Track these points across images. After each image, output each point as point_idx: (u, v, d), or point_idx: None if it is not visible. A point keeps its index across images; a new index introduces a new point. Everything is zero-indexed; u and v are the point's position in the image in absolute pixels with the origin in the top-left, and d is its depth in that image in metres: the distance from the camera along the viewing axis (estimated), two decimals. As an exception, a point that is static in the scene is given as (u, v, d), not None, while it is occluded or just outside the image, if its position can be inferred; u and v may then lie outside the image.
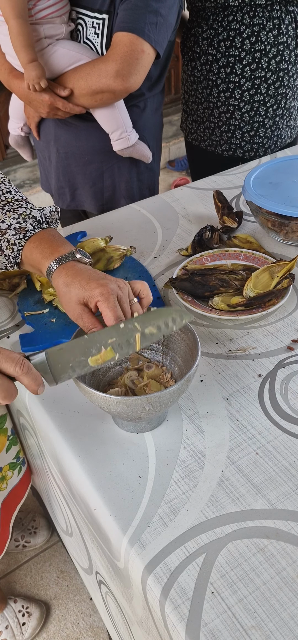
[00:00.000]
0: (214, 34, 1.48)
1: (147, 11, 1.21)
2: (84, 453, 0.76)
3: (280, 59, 1.48)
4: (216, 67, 1.51)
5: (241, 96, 1.52)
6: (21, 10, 1.19)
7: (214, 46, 1.49)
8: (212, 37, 1.49)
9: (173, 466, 0.73)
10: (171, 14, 1.27)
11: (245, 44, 1.45)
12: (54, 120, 1.43)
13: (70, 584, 1.52)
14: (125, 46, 1.22)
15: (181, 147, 3.91)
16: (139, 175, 1.50)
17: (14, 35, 1.20)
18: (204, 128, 1.64)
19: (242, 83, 1.50)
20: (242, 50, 1.46)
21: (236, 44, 1.46)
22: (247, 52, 1.46)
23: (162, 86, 1.47)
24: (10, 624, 1.38)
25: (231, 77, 1.51)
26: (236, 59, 1.48)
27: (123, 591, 0.72)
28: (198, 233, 1.16)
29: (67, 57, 1.27)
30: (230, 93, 1.53)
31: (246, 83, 1.50)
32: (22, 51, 1.21)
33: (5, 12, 1.19)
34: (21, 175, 3.53)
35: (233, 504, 0.67)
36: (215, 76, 1.53)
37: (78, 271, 0.77)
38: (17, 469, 1.12)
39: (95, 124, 1.37)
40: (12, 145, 1.63)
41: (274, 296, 0.97)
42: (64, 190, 1.54)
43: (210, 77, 1.54)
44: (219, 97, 1.55)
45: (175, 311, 0.71)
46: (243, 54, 1.47)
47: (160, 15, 1.23)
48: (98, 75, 1.24)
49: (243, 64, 1.48)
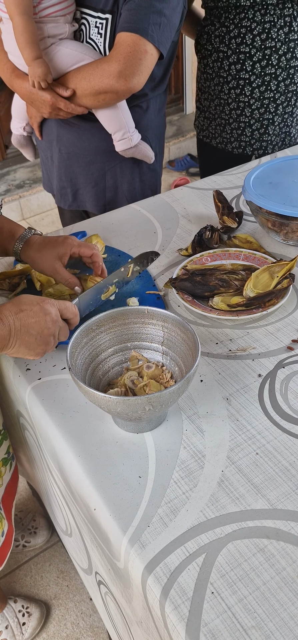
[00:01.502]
0: (226, 32, 1.50)
1: (151, 11, 1.21)
2: (84, 453, 0.76)
3: (290, 56, 1.49)
4: (227, 64, 1.53)
5: (251, 93, 1.53)
6: (26, 7, 1.18)
7: (225, 43, 1.51)
8: (224, 35, 1.50)
9: (173, 466, 0.73)
10: (175, 14, 1.27)
11: (256, 41, 1.46)
12: (56, 120, 1.43)
13: (70, 584, 1.52)
14: (129, 46, 1.21)
15: (181, 147, 3.91)
16: (141, 176, 1.50)
17: (19, 32, 1.20)
18: (216, 125, 1.65)
19: (252, 80, 1.51)
20: (252, 47, 1.47)
21: (247, 41, 1.47)
22: (257, 49, 1.47)
23: (165, 87, 1.46)
24: (10, 624, 1.38)
25: (241, 74, 1.52)
26: (246, 56, 1.49)
27: (123, 591, 0.72)
28: (198, 233, 1.16)
29: (70, 57, 1.27)
30: (240, 90, 1.54)
31: (256, 80, 1.51)
32: (26, 48, 1.21)
33: (9, 9, 1.19)
34: (21, 175, 3.53)
35: (233, 504, 0.67)
36: (225, 73, 1.54)
37: (43, 239, 1.01)
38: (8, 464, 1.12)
39: (98, 124, 1.36)
40: (14, 144, 1.62)
41: (274, 296, 0.97)
42: (66, 190, 1.53)
43: (221, 74, 1.56)
44: (230, 93, 1.56)
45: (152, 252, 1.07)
46: (254, 50, 1.48)
47: (164, 16, 1.23)
48: (101, 76, 1.23)
49: (253, 60, 1.49)
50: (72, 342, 0.78)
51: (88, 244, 1.01)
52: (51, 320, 0.80)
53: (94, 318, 0.82)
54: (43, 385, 0.87)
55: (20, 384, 0.90)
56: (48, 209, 3.42)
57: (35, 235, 1.02)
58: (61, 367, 0.90)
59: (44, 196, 3.36)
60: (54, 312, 0.81)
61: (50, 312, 0.80)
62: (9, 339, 0.76)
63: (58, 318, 0.82)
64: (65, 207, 1.58)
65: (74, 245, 0.99)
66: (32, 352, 0.80)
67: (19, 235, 1.01)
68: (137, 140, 1.38)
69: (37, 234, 1.02)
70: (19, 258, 1.02)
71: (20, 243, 1.00)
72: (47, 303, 0.81)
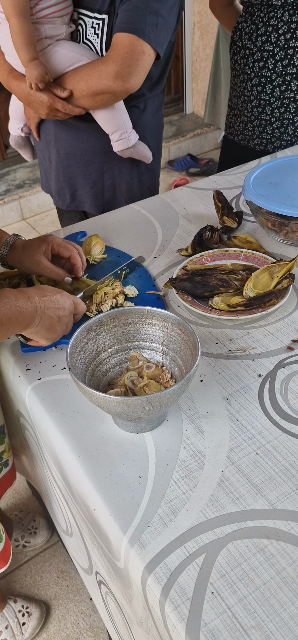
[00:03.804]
0: (254, 29, 1.52)
1: (148, 12, 1.21)
2: (84, 453, 0.76)
3: None
4: (251, 61, 1.55)
5: (272, 91, 1.55)
6: (23, 9, 1.18)
7: (252, 41, 1.53)
8: (252, 32, 1.53)
9: (173, 466, 0.73)
10: (171, 14, 1.27)
11: (280, 40, 1.48)
12: (53, 121, 1.43)
13: (70, 584, 1.52)
14: (125, 47, 1.21)
15: (181, 147, 3.91)
16: (140, 176, 1.50)
17: (15, 33, 1.19)
18: (240, 122, 1.67)
19: (273, 78, 1.53)
20: (276, 45, 1.49)
21: (271, 40, 1.49)
22: (280, 47, 1.49)
23: (163, 87, 1.47)
24: (10, 624, 1.38)
25: (263, 72, 1.54)
26: (269, 54, 1.51)
27: (123, 591, 0.72)
28: (198, 233, 1.16)
29: (67, 57, 1.27)
30: (262, 87, 1.56)
31: (277, 78, 1.52)
32: (23, 50, 1.21)
33: (6, 10, 1.19)
34: (21, 175, 3.53)
35: (233, 504, 0.67)
36: (249, 70, 1.57)
37: (26, 241, 1.05)
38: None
39: (96, 124, 1.36)
40: (12, 145, 1.62)
41: (274, 296, 0.97)
42: (64, 191, 1.53)
43: (246, 71, 1.58)
44: (252, 90, 1.58)
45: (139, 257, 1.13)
46: (277, 49, 1.49)
47: (161, 16, 1.23)
48: (98, 77, 1.23)
49: (275, 59, 1.50)
50: (72, 342, 0.78)
51: (68, 245, 1.05)
52: (69, 310, 0.88)
53: (94, 318, 0.82)
54: (43, 385, 0.87)
55: (20, 384, 0.90)
56: (48, 209, 3.42)
57: (18, 239, 1.06)
58: (61, 367, 0.90)
59: (43, 196, 3.36)
60: (70, 304, 0.89)
61: (68, 302, 0.88)
62: (34, 317, 0.81)
63: (72, 310, 0.90)
64: (63, 208, 1.58)
65: (54, 242, 1.04)
66: (49, 335, 0.86)
67: (4, 240, 1.05)
68: (135, 140, 1.39)
69: (20, 239, 1.07)
70: (4, 262, 1.06)
71: (5, 248, 1.04)
72: (64, 294, 0.89)
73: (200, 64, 4.03)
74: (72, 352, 0.77)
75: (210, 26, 3.80)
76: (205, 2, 3.76)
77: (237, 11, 1.72)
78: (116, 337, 0.85)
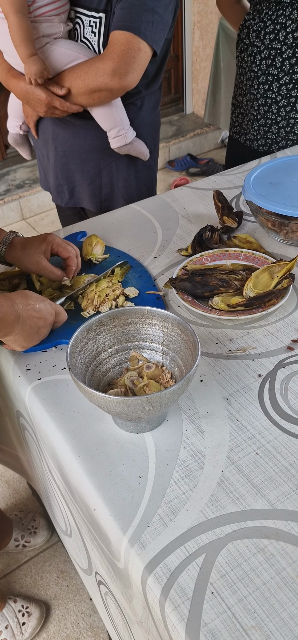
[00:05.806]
0: (262, 27, 1.52)
1: (144, 10, 1.22)
2: (84, 453, 0.76)
3: None
4: (259, 59, 1.55)
5: (278, 90, 1.55)
6: (21, 6, 1.19)
7: (260, 38, 1.53)
8: (260, 29, 1.52)
9: (173, 466, 0.73)
10: (167, 12, 1.27)
11: (288, 38, 1.48)
12: (51, 119, 1.43)
13: (70, 584, 1.52)
14: (122, 45, 1.22)
15: (181, 147, 3.91)
16: (137, 173, 1.50)
17: (14, 30, 1.20)
18: (247, 121, 1.67)
19: (280, 76, 1.53)
20: (283, 43, 1.49)
21: (279, 37, 1.49)
22: (288, 46, 1.48)
23: (159, 84, 1.47)
24: (10, 624, 1.38)
25: (270, 70, 1.53)
26: (277, 52, 1.51)
27: (123, 591, 0.72)
28: (198, 233, 1.16)
29: (65, 55, 1.27)
30: (269, 86, 1.56)
31: (284, 77, 1.52)
32: (21, 46, 1.21)
33: (4, 8, 1.19)
34: (21, 175, 3.53)
35: (233, 504, 0.67)
36: (257, 67, 1.56)
37: (25, 239, 1.04)
38: None
39: (93, 122, 1.37)
40: (11, 143, 1.63)
41: (274, 296, 0.97)
42: (62, 188, 1.54)
43: (253, 69, 1.58)
44: (258, 89, 1.58)
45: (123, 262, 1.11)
46: (285, 47, 1.49)
47: (157, 14, 1.24)
48: (95, 74, 1.24)
49: (283, 57, 1.50)
50: (72, 342, 0.78)
51: (67, 247, 1.05)
52: (49, 321, 0.88)
53: (94, 318, 0.82)
54: (43, 385, 0.87)
55: (20, 384, 0.90)
56: (48, 209, 3.42)
57: (17, 237, 1.05)
58: (61, 367, 0.90)
59: (43, 196, 3.36)
60: (51, 316, 0.88)
61: (50, 313, 0.88)
62: (15, 326, 0.81)
63: (52, 321, 0.89)
64: (62, 205, 1.59)
65: (54, 242, 1.03)
66: (25, 343, 0.86)
67: (2, 238, 1.04)
68: (132, 137, 1.39)
69: (18, 236, 1.06)
70: (3, 260, 1.05)
71: (3, 245, 1.03)
72: (48, 304, 0.88)
73: (200, 64, 4.03)
74: (72, 352, 0.77)
75: (210, 26, 3.80)
76: (205, 2, 3.76)
77: (244, 8, 1.72)
78: (116, 337, 0.85)
